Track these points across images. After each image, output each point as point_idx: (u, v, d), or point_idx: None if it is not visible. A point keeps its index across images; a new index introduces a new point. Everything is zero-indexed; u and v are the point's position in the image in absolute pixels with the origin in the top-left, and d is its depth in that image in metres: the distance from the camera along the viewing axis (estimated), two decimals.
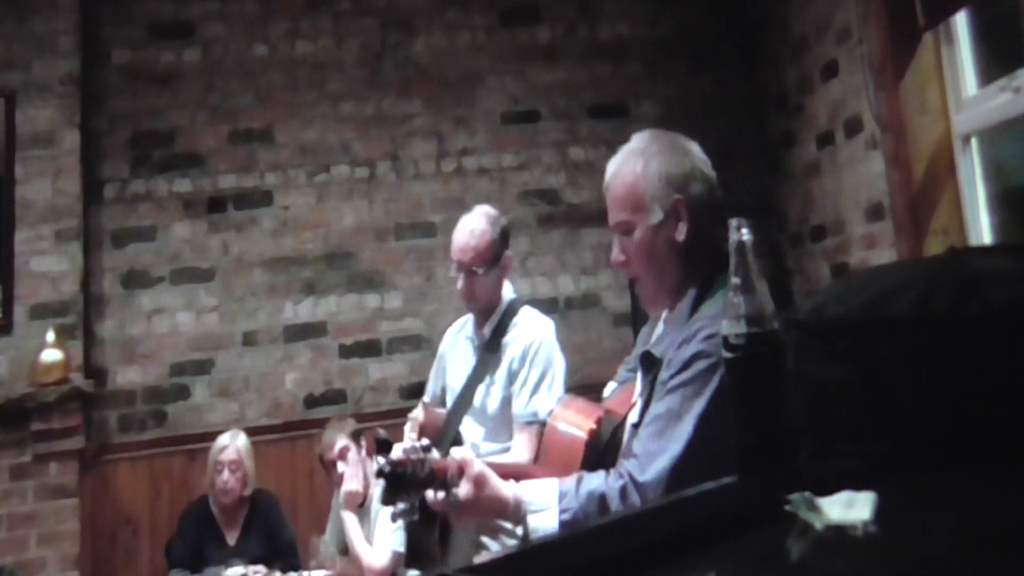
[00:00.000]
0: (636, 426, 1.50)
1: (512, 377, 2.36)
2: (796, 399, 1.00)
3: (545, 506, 1.40)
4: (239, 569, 3.10)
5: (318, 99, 4.20)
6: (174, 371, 3.95)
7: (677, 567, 0.77)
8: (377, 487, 3.23)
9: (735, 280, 1.04)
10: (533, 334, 2.40)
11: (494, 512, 1.45)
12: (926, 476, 0.86)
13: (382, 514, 3.17)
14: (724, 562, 0.80)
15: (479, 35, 4.36)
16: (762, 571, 0.80)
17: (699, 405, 1.39)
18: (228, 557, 3.26)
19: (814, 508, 0.79)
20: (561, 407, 1.75)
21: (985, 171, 3.22)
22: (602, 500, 1.39)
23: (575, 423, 1.68)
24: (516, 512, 1.42)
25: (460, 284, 2.41)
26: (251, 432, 3.61)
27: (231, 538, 3.40)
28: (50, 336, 3.62)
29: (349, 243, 4.15)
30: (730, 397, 1.26)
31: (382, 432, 1.54)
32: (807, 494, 0.81)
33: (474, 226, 2.40)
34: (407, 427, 2.27)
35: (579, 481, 1.43)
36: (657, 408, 1.44)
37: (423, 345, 4.05)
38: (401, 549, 2.79)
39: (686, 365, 1.42)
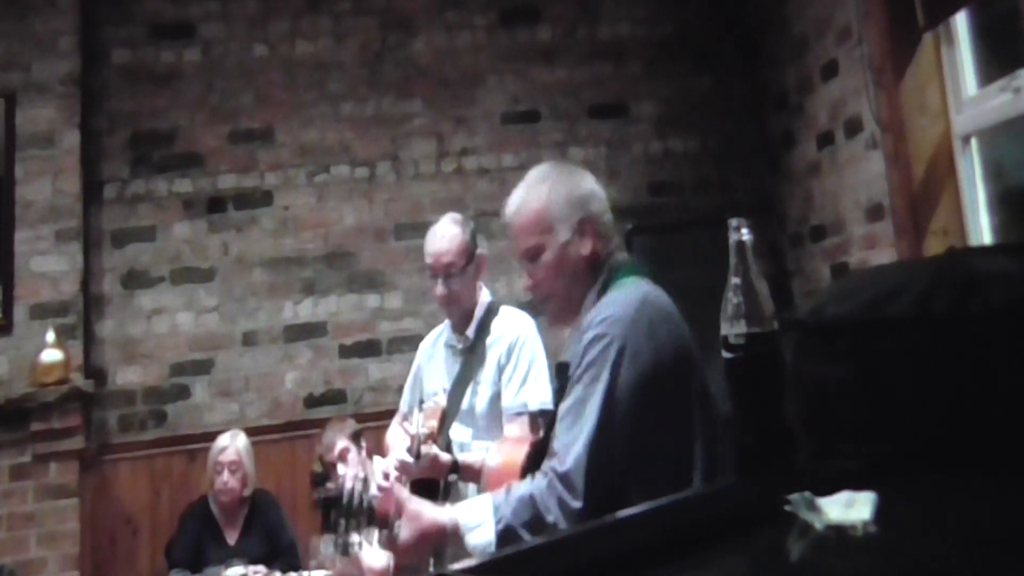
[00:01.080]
0: None
1: (500, 373, 2.37)
2: (796, 399, 1.00)
3: (480, 522, 1.47)
4: (239, 569, 3.10)
5: (318, 99, 4.20)
6: (174, 371, 3.95)
7: (677, 567, 0.77)
8: (374, 487, 3.23)
9: (735, 280, 1.04)
10: (517, 330, 2.43)
11: (436, 540, 1.53)
12: (926, 476, 0.86)
13: None
14: (724, 562, 0.80)
15: (479, 35, 4.36)
16: (762, 571, 0.80)
17: (601, 384, 1.48)
18: (228, 557, 3.26)
19: (814, 508, 0.79)
20: (497, 444, 1.89)
21: (985, 171, 3.22)
22: (531, 500, 1.46)
23: (511, 455, 1.81)
24: (455, 535, 1.49)
25: (439, 289, 2.42)
26: (251, 432, 3.61)
27: (231, 538, 3.40)
28: (50, 336, 3.62)
29: (349, 243, 4.15)
30: (632, 371, 1.46)
31: (318, 467, 1.62)
32: (807, 494, 0.81)
33: (444, 231, 2.43)
34: (419, 417, 2.23)
35: (508, 490, 1.50)
36: (566, 402, 1.53)
37: None
38: None
39: (584, 353, 1.52)
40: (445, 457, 2.07)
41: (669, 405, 1.53)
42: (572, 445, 1.46)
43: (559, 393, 1.67)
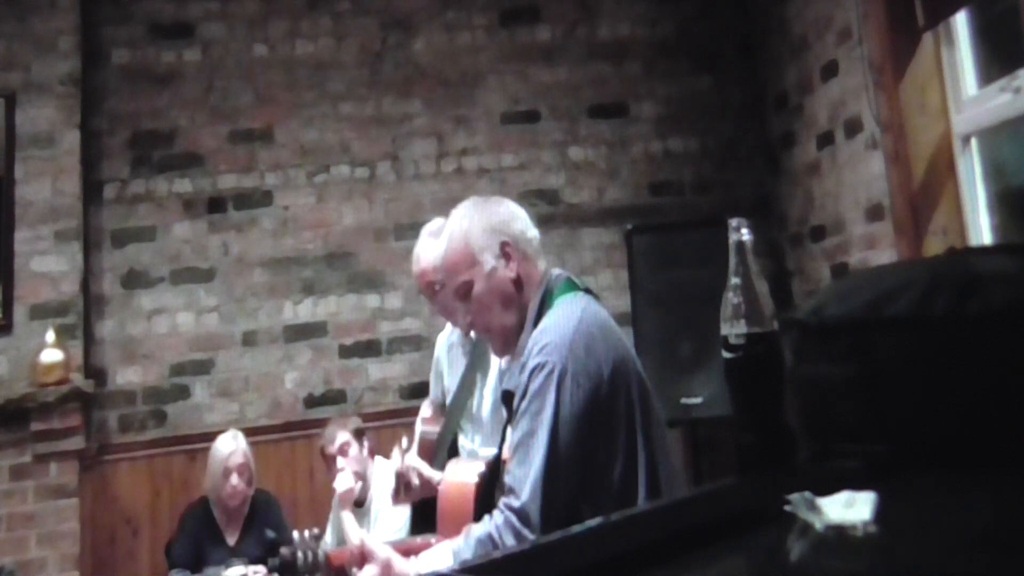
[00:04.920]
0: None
1: (501, 378, 2.36)
2: (796, 399, 1.00)
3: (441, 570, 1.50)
4: (239, 569, 3.09)
5: (318, 99, 4.20)
6: (174, 371, 3.95)
7: (677, 567, 0.77)
8: (375, 487, 3.24)
9: (735, 280, 1.04)
10: None
11: None
12: (926, 476, 0.86)
13: (382, 514, 3.17)
14: (724, 562, 0.80)
15: (479, 35, 4.36)
16: (762, 571, 0.80)
17: (547, 414, 1.51)
18: (228, 557, 3.26)
19: (814, 508, 0.79)
20: (447, 473, 1.90)
21: (985, 171, 3.22)
22: (490, 540, 1.49)
23: (464, 475, 1.84)
24: None
25: (431, 306, 2.45)
26: (251, 432, 3.60)
27: (231, 538, 3.40)
28: (50, 336, 3.62)
29: (349, 243, 4.14)
30: (575, 394, 1.50)
31: (270, 534, 1.66)
32: (807, 494, 0.81)
33: (417, 251, 2.43)
34: (398, 454, 2.25)
35: (467, 533, 1.53)
36: (514, 437, 1.56)
37: (423, 345, 4.05)
38: None
39: (527, 384, 1.55)
40: (437, 478, 2.09)
41: (612, 420, 1.57)
42: (525, 480, 1.49)
43: (507, 422, 1.70)
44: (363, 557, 1.53)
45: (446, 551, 1.53)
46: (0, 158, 3.80)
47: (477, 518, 1.66)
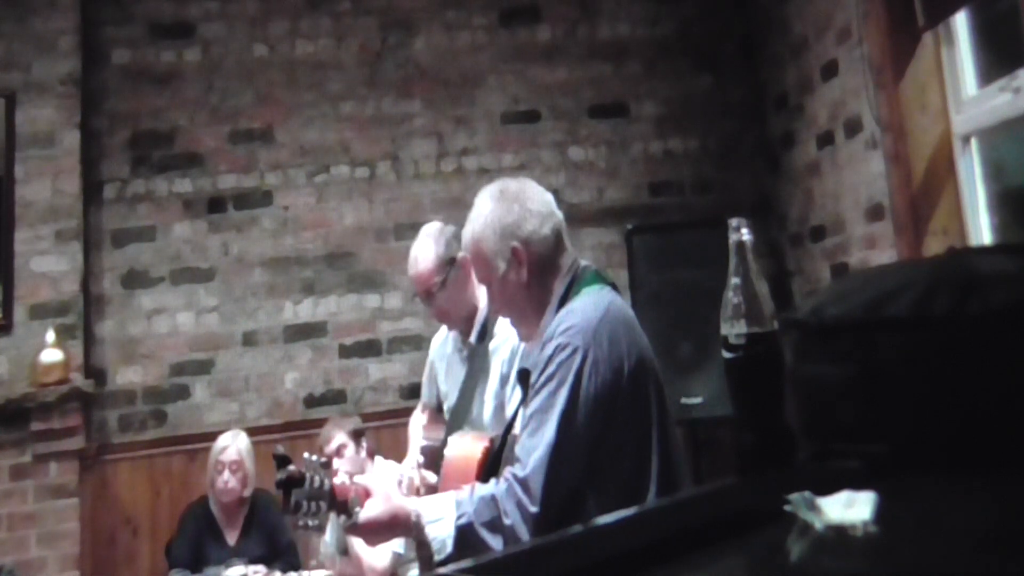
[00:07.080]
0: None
1: (503, 381, 2.35)
2: (796, 399, 1.00)
3: (441, 516, 1.52)
4: (239, 569, 3.10)
5: (318, 99, 4.20)
6: (174, 371, 3.95)
7: (677, 567, 0.77)
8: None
9: (735, 280, 1.04)
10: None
11: (398, 525, 1.55)
12: (926, 476, 0.86)
13: None
14: (724, 562, 0.80)
15: (479, 35, 4.36)
16: (762, 571, 0.79)
17: (564, 392, 1.52)
18: (228, 557, 3.26)
19: (814, 508, 0.79)
20: (449, 448, 1.92)
21: (985, 171, 3.22)
22: (492, 501, 1.50)
23: (468, 449, 1.86)
24: (417, 525, 1.52)
25: (430, 311, 2.44)
26: (251, 432, 3.60)
27: (231, 538, 3.41)
28: (50, 336, 3.62)
29: (349, 243, 4.15)
30: (594, 380, 1.50)
31: (280, 448, 1.64)
32: (807, 494, 0.81)
33: (416, 251, 2.41)
34: (402, 484, 2.23)
35: (472, 490, 1.55)
36: (529, 409, 1.57)
37: (423, 345, 4.03)
38: (401, 550, 2.79)
39: (547, 362, 1.56)
40: (432, 480, 2.10)
41: (628, 414, 1.58)
42: (533, 452, 1.51)
43: (522, 400, 1.71)
44: (366, 495, 1.55)
45: (449, 501, 1.54)
46: (0, 158, 3.81)
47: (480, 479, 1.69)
